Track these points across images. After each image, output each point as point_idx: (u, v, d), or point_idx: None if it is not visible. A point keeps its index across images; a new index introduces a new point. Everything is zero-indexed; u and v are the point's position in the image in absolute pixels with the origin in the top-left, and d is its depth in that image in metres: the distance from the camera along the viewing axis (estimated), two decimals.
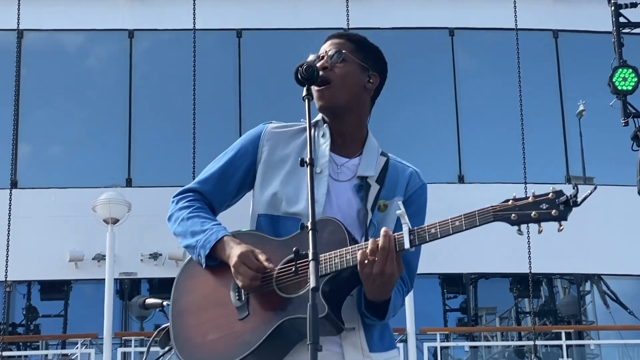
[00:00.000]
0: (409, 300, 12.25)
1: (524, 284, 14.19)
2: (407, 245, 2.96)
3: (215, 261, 3.20)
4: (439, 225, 2.95)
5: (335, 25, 13.05)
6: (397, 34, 15.98)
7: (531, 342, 13.16)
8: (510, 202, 2.92)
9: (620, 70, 9.57)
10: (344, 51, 3.27)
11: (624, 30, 9.86)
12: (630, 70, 9.58)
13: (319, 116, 3.35)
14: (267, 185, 3.28)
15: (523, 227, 2.94)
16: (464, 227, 2.95)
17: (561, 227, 2.90)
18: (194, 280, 3.30)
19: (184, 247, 3.30)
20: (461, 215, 2.94)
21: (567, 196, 2.85)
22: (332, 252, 3.00)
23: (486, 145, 15.96)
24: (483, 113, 16.16)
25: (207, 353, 3.17)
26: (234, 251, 3.12)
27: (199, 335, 3.21)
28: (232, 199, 3.38)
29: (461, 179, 15.77)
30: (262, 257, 3.08)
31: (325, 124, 3.32)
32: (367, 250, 2.95)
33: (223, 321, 3.16)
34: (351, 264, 3.00)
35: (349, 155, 3.30)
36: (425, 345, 13.51)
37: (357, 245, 3.03)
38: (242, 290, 3.15)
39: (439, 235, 2.96)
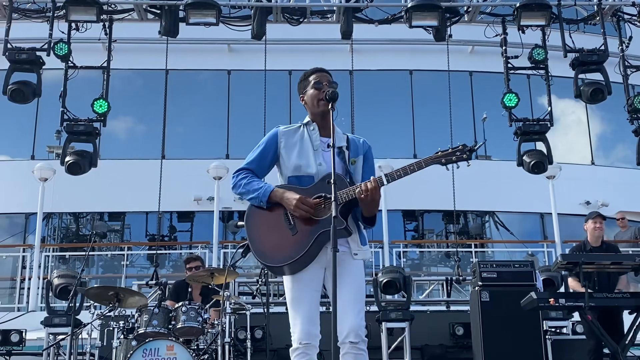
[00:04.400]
0: (384, 223, 12.17)
1: (450, 215, 13.91)
2: (385, 182, 3.01)
3: (269, 204, 3.15)
4: (401, 170, 3.01)
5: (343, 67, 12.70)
6: (381, 73, 15.29)
7: (454, 249, 12.89)
8: (439, 152, 3.06)
9: (508, 94, 9.43)
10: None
11: (511, 72, 9.82)
12: (514, 94, 9.35)
13: (307, 118, 3.35)
14: (289, 160, 3.24)
15: (450, 172, 3.05)
16: (416, 169, 3.00)
17: (469, 164, 3.02)
18: (256, 217, 3.20)
19: (248, 200, 3.19)
20: (413, 163, 3.02)
21: (470, 147, 3.05)
22: (340, 191, 2.99)
23: (436, 133, 14.60)
24: (433, 115, 15.03)
25: (277, 254, 3.10)
26: (288, 195, 3.07)
27: (267, 245, 3.13)
28: (266, 170, 3.37)
29: (415, 156, 14.72)
30: (312, 201, 3.07)
31: (314, 122, 3.29)
32: (364, 188, 2.99)
33: (283, 236, 3.09)
34: (353, 196, 3.02)
35: (328, 136, 3.21)
36: (394, 250, 13.02)
37: (353, 186, 3.04)
38: (290, 218, 3.09)
39: (402, 175, 3.00)
